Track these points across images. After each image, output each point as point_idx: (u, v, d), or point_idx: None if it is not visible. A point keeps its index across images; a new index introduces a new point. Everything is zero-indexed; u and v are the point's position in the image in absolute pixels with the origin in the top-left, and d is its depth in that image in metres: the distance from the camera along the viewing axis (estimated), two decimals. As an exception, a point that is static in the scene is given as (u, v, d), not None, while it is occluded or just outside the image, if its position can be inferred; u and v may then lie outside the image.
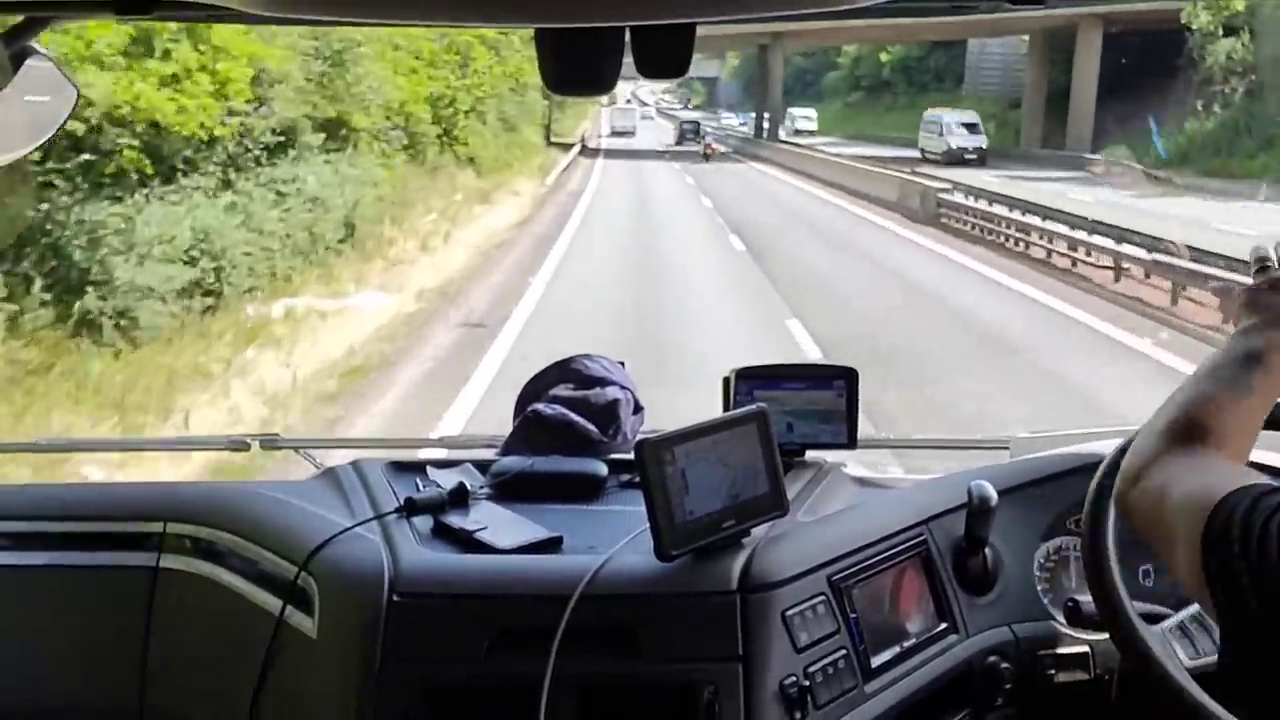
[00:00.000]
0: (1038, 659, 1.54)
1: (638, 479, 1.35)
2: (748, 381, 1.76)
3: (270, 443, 2.02)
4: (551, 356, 1.87)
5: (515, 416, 1.80)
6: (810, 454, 1.76)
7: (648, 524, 1.34)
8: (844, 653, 1.40)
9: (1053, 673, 1.54)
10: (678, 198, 25.04)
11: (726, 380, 1.77)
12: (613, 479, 1.68)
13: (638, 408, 1.82)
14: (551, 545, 1.45)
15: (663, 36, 0.99)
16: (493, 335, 9.59)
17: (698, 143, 42.62)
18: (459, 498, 1.55)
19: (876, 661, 1.44)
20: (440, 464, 1.73)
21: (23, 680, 1.63)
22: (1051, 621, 1.58)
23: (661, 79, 1.09)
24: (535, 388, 1.82)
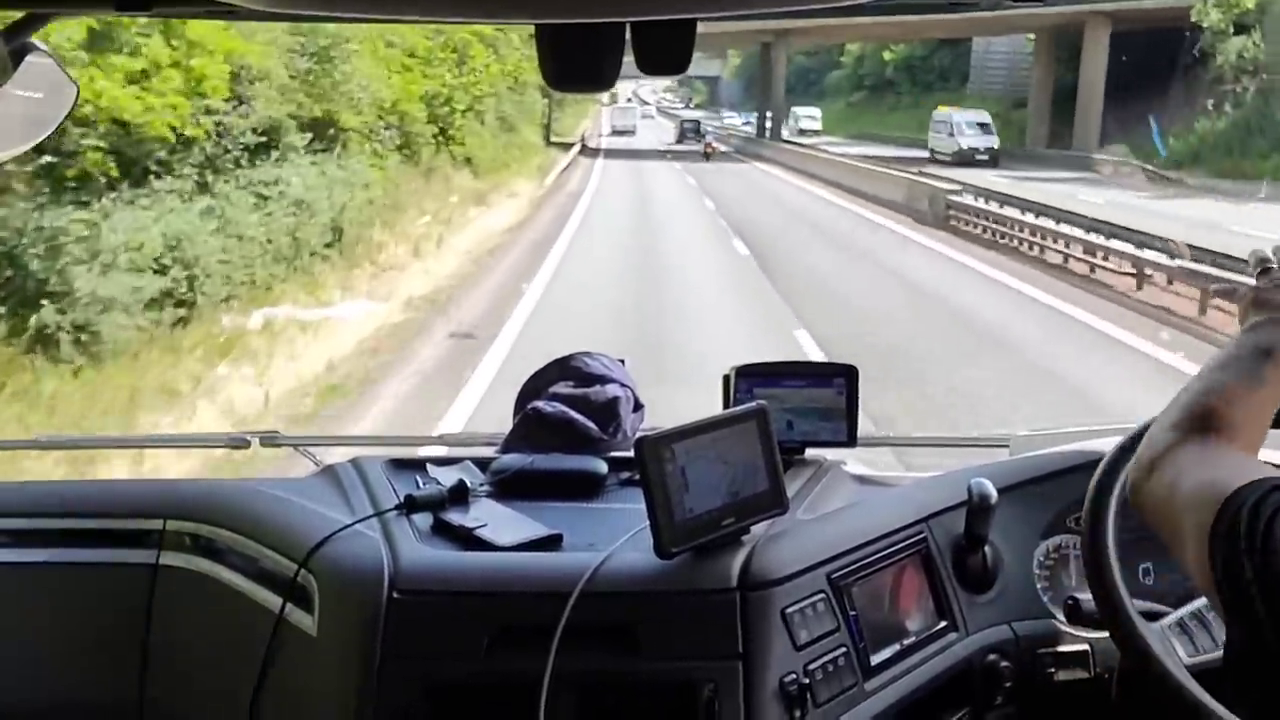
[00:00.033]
0: (1037, 657, 1.54)
1: (637, 476, 1.35)
2: (748, 379, 1.76)
3: (270, 440, 2.02)
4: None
5: (515, 414, 1.81)
6: (810, 452, 1.76)
7: (647, 521, 1.34)
8: (844, 650, 1.40)
9: (1052, 671, 1.54)
10: (679, 198, 24.60)
11: (726, 378, 1.77)
12: (612, 476, 1.68)
13: (637, 405, 1.82)
14: (551, 543, 1.45)
15: (663, 33, 0.99)
16: (484, 347, 9.16)
17: (698, 141, 42.62)
18: (459, 495, 1.55)
19: (876, 659, 1.44)
20: (440, 461, 1.73)
21: (23, 677, 1.63)
22: (1051, 620, 1.58)
23: (662, 76, 1.09)
24: (535, 385, 1.82)
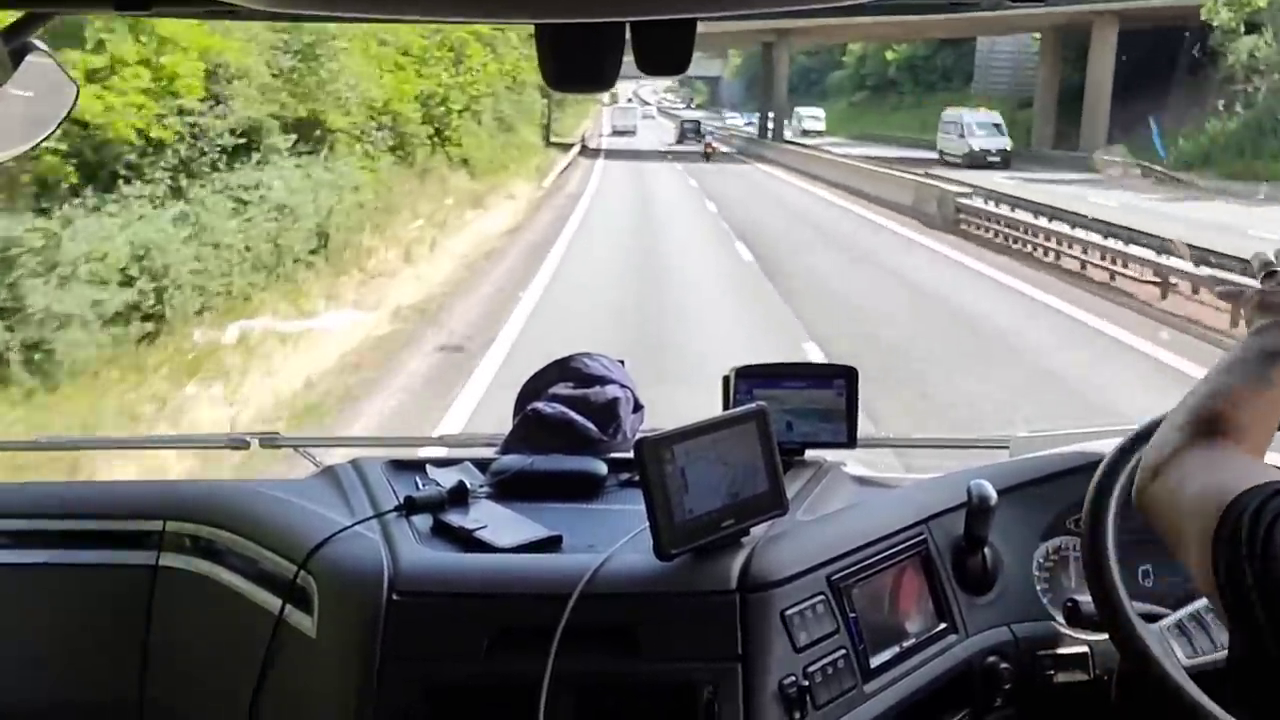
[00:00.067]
0: (1037, 659, 1.54)
1: (637, 478, 1.35)
2: (747, 380, 1.76)
3: (270, 441, 2.02)
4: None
5: (515, 415, 1.80)
6: (810, 453, 1.76)
7: (647, 523, 1.33)
8: (843, 652, 1.39)
9: (1052, 673, 1.54)
10: (680, 200, 24.17)
11: (726, 379, 1.77)
12: (612, 478, 1.68)
13: (637, 406, 1.82)
14: (551, 544, 1.45)
15: (663, 33, 0.99)
16: (475, 360, 8.60)
17: (698, 142, 42.63)
18: (459, 496, 1.55)
19: (876, 661, 1.43)
20: (440, 462, 1.73)
21: (22, 678, 1.63)
22: (1051, 621, 1.58)
23: (662, 76, 1.09)
24: (535, 386, 1.82)
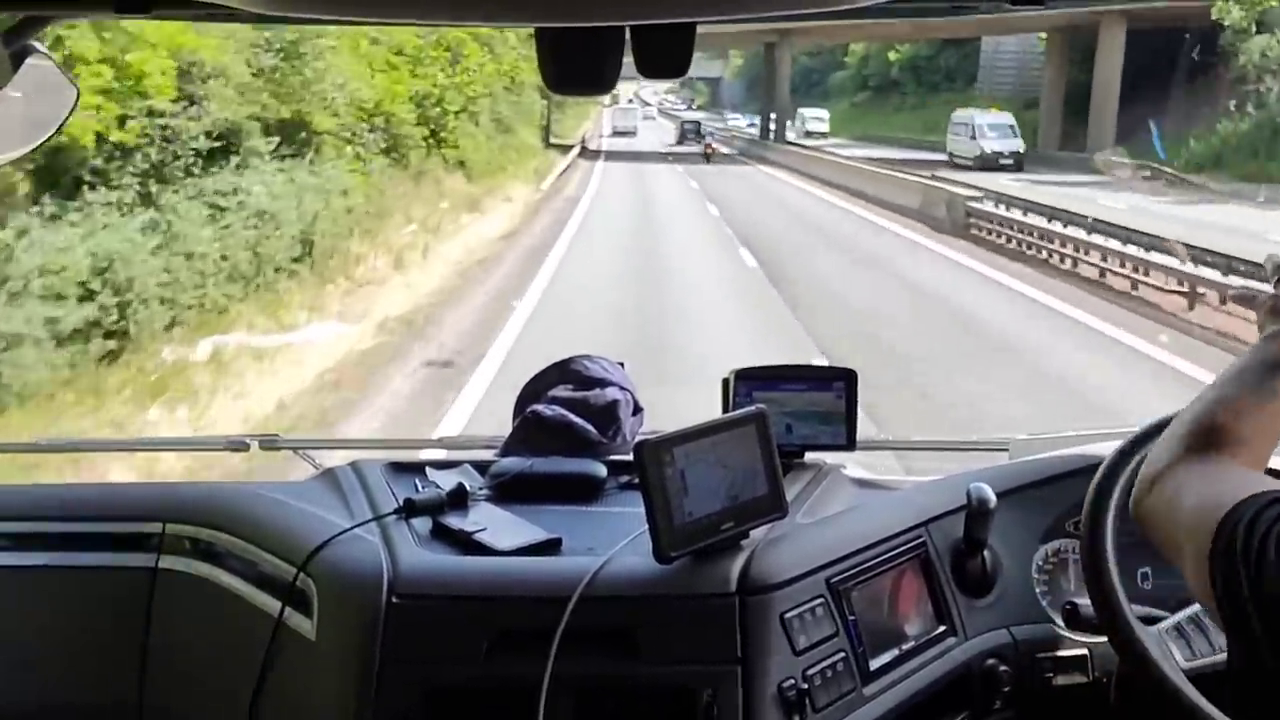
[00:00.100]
0: (1036, 662, 1.54)
1: (637, 480, 1.35)
2: (747, 383, 1.76)
3: (269, 443, 2.02)
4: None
5: (514, 417, 1.81)
6: (809, 455, 1.76)
7: (646, 525, 1.33)
8: (842, 655, 1.39)
9: (1051, 676, 1.54)
10: (681, 203, 23.81)
11: (726, 381, 1.77)
12: (612, 480, 1.67)
13: (637, 409, 1.82)
14: (550, 547, 1.45)
15: (663, 36, 1.00)
16: (464, 377, 8.03)
17: (698, 142, 42.64)
18: (458, 499, 1.55)
19: (875, 664, 1.43)
20: (439, 465, 1.73)
21: (22, 681, 1.63)
22: (1050, 624, 1.58)
23: (662, 79, 1.09)
24: (535, 388, 1.82)
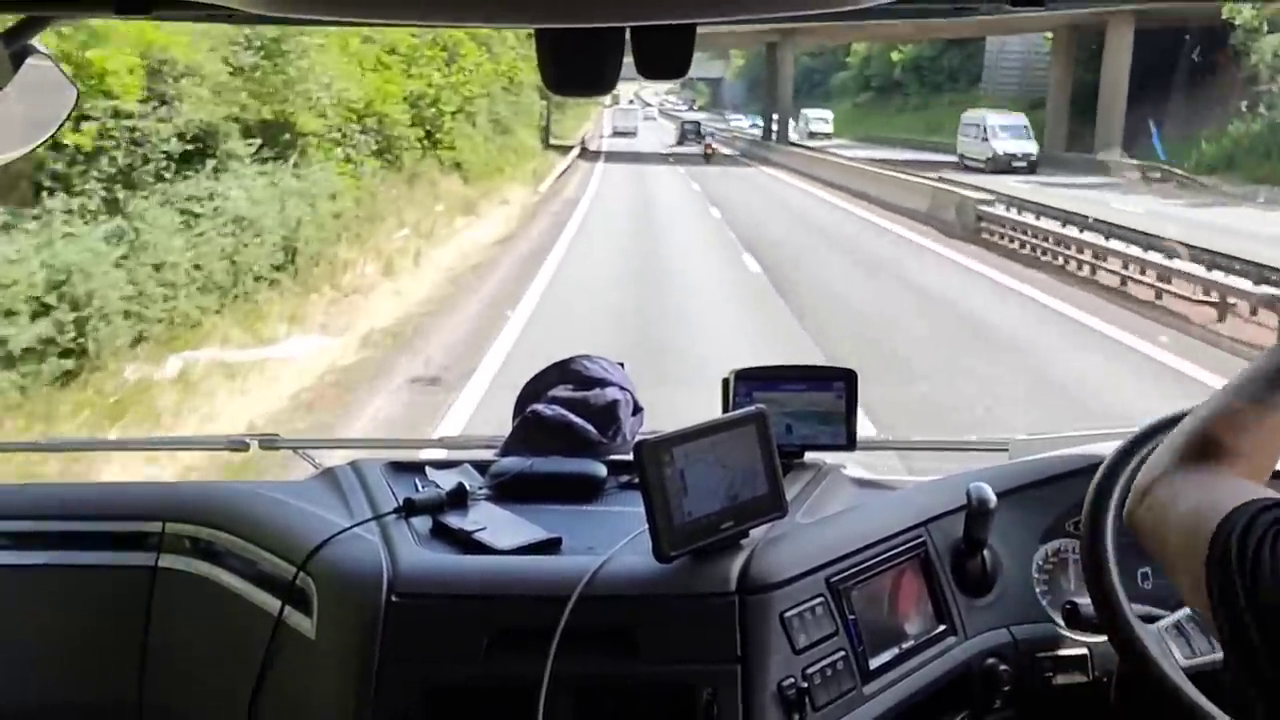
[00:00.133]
0: (1036, 661, 1.54)
1: (637, 480, 1.35)
2: (747, 383, 1.76)
3: (269, 443, 2.03)
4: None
5: (514, 417, 1.81)
6: (809, 455, 1.76)
7: (646, 525, 1.34)
8: (842, 654, 1.40)
9: (1051, 675, 1.54)
10: (682, 205, 23.38)
11: (726, 381, 1.77)
12: (612, 480, 1.68)
13: (637, 409, 1.82)
14: (550, 546, 1.45)
15: (663, 37, 1.00)
16: (451, 395, 7.53)
17: (699, 143, 42.60)
18: (458, 498, 1.55)
19: (875, 663, 1.43)
20: (439, 464, 1.73)
21: (22, 679, 1.63)
22: (1050, 624, 1.58)
23: (662, 80, 1.09)
24: (535, 388, 1.83)
